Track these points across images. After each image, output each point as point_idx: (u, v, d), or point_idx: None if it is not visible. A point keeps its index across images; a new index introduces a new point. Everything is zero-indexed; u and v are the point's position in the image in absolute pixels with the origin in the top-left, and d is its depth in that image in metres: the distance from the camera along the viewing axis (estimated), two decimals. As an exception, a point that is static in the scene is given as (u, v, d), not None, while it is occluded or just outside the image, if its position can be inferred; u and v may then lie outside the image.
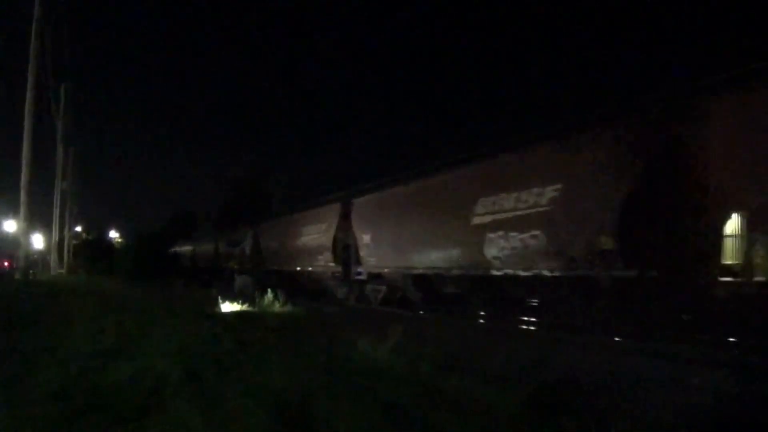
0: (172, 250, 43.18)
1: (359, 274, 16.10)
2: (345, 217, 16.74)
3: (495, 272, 10.38)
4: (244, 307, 12.33)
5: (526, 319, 11.09)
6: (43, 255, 36.35)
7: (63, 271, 31.28)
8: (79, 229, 52.61)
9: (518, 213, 9.67)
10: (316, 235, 18.38)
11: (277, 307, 12.50)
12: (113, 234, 65.57)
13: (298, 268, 20.25)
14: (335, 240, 16.92)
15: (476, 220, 10.74)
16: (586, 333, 9.10)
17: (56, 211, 30.59)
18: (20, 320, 8.44)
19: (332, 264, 17.19)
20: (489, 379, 4.90)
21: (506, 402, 4.15)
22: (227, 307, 12.29)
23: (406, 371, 5.28)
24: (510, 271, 10.04)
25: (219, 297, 12.96)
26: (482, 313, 12.32)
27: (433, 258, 12.61)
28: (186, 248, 39.58)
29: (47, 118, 22.70)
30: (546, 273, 9.28)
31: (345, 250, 16.68)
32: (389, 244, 14.38)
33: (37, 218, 27.90)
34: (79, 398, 4.23)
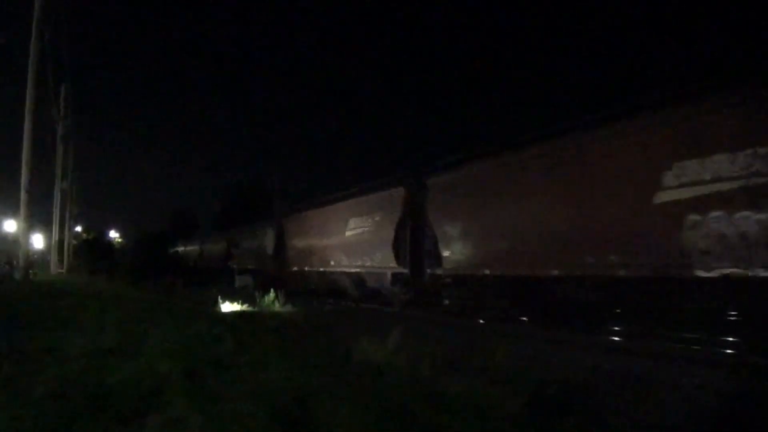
0: (174, 249, 43.10)
1: (438, 277, 12.64)
2: (413, 203, 13.27)
3: (702, 273, 7.17)
4: (245, 307, 12.32)
5: (524, 319, 10.85)
6: (43, 255, 36.27)
7: (63, 271, 31.22)
8: (79, 229, 52.60)
9: (757, 181, 6.53)
10: (366, 227, 14.98)
11: (277, 306, 12.50)
12: (113, 234, 65.74)
13: (340, 270, 16.81)
14: (397, 233, 13.50)
15: (668, 196, 7.51)
16: (585, 333, 9.09)
17: (56, 211, 30.53)
18: (20, 320, 8.42)
19: (393, 264, 13.71)
20: (489, 379, 4.89)
21: (507, 402, 4.14)
22: (227, 307, 12.28)
23: (407, 371, 5.28)
24: (736, 270, 6.79)
25: (219, 297, 12.95)
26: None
27: (571, 254, 9.03)
28: (193, 248, 38.08)
29: (47, 118, 22.62)
30: None
31: (413, 246, 13.18)
32: (493, 237, 10.77)
33: (37, 218, 27.81)
34: (79, 398, 4.23)
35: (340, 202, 17.47)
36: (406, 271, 13.54)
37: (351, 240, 15.87)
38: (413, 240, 13.23)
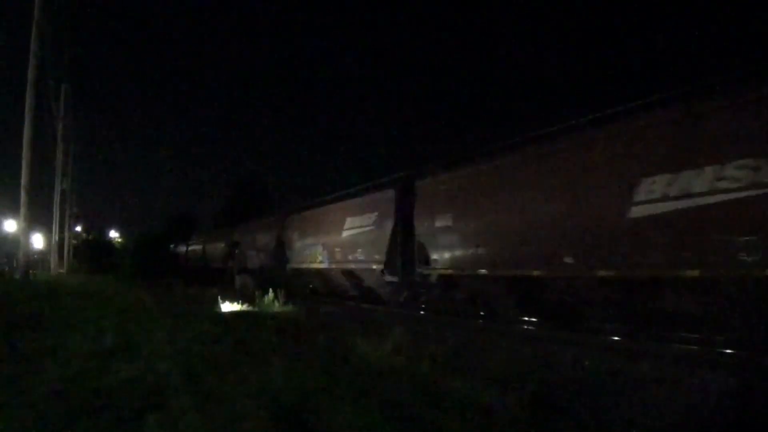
0: (174, 250, 43.01)
1: None
2: None
3: None
4: (244, 307, 12.32)
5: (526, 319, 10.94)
6: (43, 255, 36.28)
7: (63, 271, 31.24)
8: (79, 229, 52.62)
9: None
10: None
11: (276, 306, 12.50)
12: (113, 234, 65.67)
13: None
14: None
15: None
16: (585, 333, 9.09)
17: (56, 211, 30.55)
18: (20, 320, 8.43)
19: None
20: (490, 379, 4.89)
21: (507, 403, 4.15)
22: (227, 307, 12.28)
23: (407, 371, 5.28)
24: None
25: (219, 297, 12.95)
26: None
27: None
28: (220, 245, 31.71)
29: (47, 118, 22.62)
30: None
31: None
32: None
33: (37, 218, 27.82)
34: (79, 398, 4.23)
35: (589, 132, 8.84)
36: None
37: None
38: None
